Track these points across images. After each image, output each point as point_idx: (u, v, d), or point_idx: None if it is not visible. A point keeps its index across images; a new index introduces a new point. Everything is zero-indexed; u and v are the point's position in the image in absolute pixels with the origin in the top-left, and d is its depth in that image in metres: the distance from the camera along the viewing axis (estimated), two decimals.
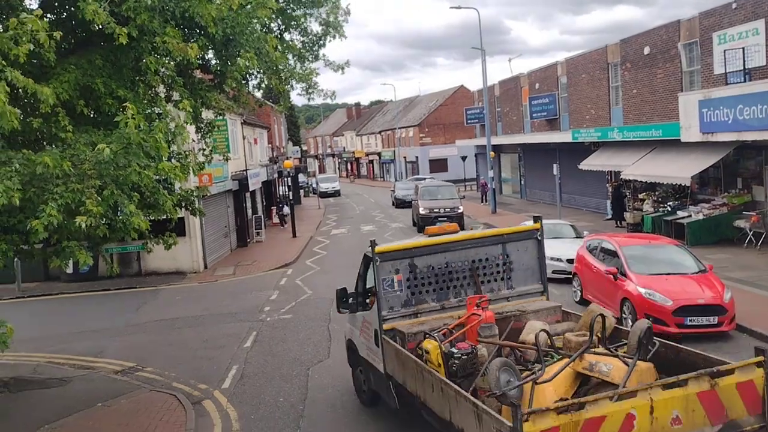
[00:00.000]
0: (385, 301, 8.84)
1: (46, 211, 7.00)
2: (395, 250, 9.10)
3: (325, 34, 12.58)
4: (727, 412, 6.20)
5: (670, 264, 13.73)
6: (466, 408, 6.42)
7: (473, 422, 6.24)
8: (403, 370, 8.16)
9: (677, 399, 6.05)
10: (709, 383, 6.20)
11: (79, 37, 10.21)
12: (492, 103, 43.63)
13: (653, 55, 25.12)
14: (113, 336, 15.65)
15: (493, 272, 9.39)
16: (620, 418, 5.80)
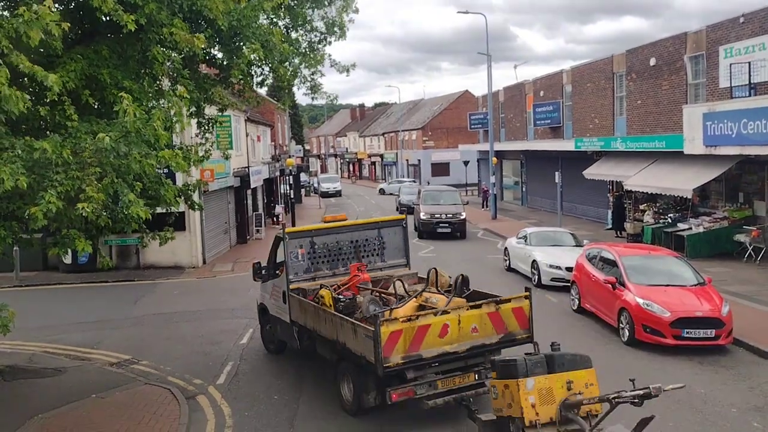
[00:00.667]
0: (291, 268, 11.57)
1: (46, 198, 7.00)
2: (300, 231, 11.81)
3: (329, 33, 12.60)
4: (506, 326, 9.66)
5: (669, 275, 13.73)
6: (347, 328, 9.53)
7: (352, 335, 9.39)
8: (305, 314, 11.01)
9: (475, 316, 9.38)
10: (495, 308, 9.58)
11: (86, 27, 10.22)
12: (496, 109, 43.65)
13: (659, 67, 25.13)
14: (110, 328, 15.64)
15: (370, 249, 12.44)
16: (439, 326, 9.09)
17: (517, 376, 7.07)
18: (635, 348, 12.64)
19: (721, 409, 9.76)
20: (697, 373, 11.35)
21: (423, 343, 8.93)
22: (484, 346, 9.41)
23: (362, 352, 9.08)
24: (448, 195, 32.14)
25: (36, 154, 7.12)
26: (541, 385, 7.09)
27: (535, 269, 18.87)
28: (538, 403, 7.03)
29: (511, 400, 7.13)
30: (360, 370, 9.48)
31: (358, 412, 9.67)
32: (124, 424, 9.66)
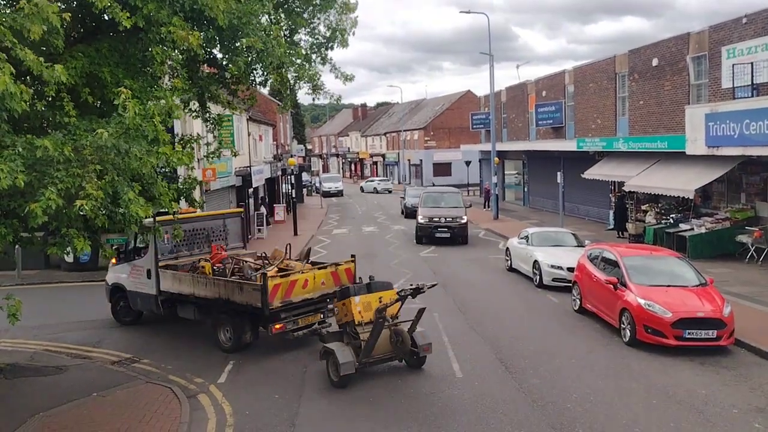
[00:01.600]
0: (160, 250, 14.36)
1: (46, 195, 6.99)
2: (165, 220, 12.52)
3: (332, 39, 12.57)
4: (341, 280, 13.30)
5: (670, 276, 13.71)
6: (232, 286, 12.80)
7: (238, 291, 12.60)
8: (179, 283, 13.85)
9: (324, 274, 13.21)
10: (335, 268, 13.42)
11: (88, 26, 10.23)
12: (498, 109, 43.64)
13: (661, 67, 25.11)
14: (111, 327, 15.63)
15: (217, 235, 15.78)
16: (303, 281, 12.74)
17: (349, 296, 11.43)
18: (636, 348, 12.63)
19: (723, 410, 9.75)
20: (699, 374, 11.33)
21: (293, 293, 12.62)
22: (328, 294, 13.09)
23: (248, 302, 12.39)
24: (450, 197, 30.08)
25: (38, 152, 7.13)
26: (364, 300, 11.45)
27: (536, 269, 18.85)
28: (363, 311, 11.37)
29: (347, 311, 11.42)
30: (241, 317, 12.95)
31: (238, 348, 13.08)
32: (125, 422, 9.66)
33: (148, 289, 14.54)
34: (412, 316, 11.56)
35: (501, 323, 14.87)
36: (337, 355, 10.76)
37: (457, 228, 27.35)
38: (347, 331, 11.42)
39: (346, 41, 12.54)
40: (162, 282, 14.21)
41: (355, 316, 11.25)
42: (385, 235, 32.36)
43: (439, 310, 15.98)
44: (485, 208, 42.74)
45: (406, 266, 22.67)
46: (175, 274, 14.05)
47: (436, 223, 27.51)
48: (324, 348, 11.24)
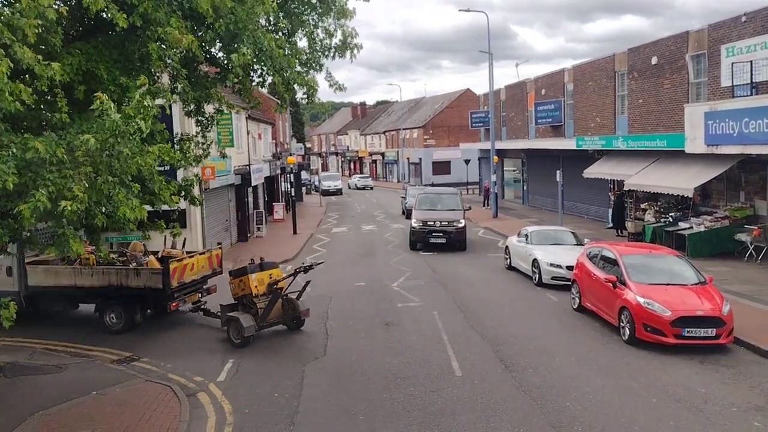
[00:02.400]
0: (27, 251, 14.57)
1: (36, 197, 6.97)
2: None
3: (337, 49, 12.49)
4: (213, 264, 15.92)
5: (669, 274, 13.72)
6: (126, 273, 14.36)
7: (134, 277, 14.25)
8: (56, 277, 14.75)
9: (204, 259, 15.53)
10: (209, 254, 15.91)
11: (87, 25, 10.23)
12: (497, 107, 43.62)
13: (660, 66, 25.10)
14: None
15: None
16: (191, 264, 14.82)
17: (247, 274, 13.97)
18: (636, 347, 12.63)
19: (722, 408, 9.76)
20: (698, 372, 11.34)
21: (185, 275, 14.65)
22: (207, 275, 15.76)
23: (147, 285, 14.15)
24: (447, 199, 27.47)
25: (29, 154, 7.09)
26: (259, 277, 14.01)
27: (535, 268, 18.86)
28: (258, 285, 13.95)
29: (244, 286, 13.96)
30: (132, 301, 14.62)
31: (129, 328, 14.66)
32: (125, 421, 9.66)
33: (8, 287, 14.83)
34: None
35: (500, 322, 14.88)
36: (242, 321, 13.27)
37: (453, 233, 25.14)
38: (243, 302, 14.06)
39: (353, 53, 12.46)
40: (30, 278, 14.94)
41: (253, 290, 13.87)
42: (384, 233, 32.36)
43: (439, 309, 16.00)
44: (484, 206, 42.74)
45: (405, 265, 22.67)
46: (49, 268, 14.84)
47: (430, 228, 25.27)
48: (227, 316, 13.70)
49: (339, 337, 13.92)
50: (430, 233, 25.26)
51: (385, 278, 20.32)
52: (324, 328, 14.71)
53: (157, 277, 14.09)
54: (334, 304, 16.98)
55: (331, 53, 12.85)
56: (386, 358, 12.42)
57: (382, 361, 12.25)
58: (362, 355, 12.68)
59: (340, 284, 19.61)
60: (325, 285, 19.53)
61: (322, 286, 19.40)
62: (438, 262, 22.94)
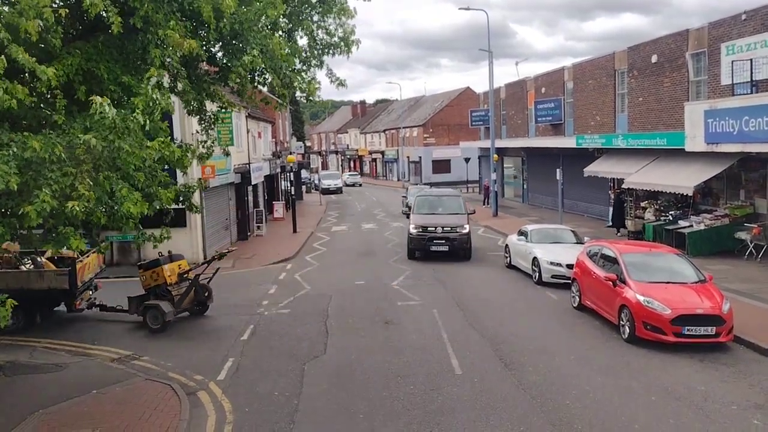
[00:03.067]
0: None
1: (40, 197, 6.96)
2: None
3: (335, 47, 12.51)
4: (99, 264, 16.77)
5: (669, 273, 13.72)
6: (27, 276, 14.58)
7: (37, 280, 14.51)
8: None
9: (94, 259, 16.13)
10: (96, 255, 16.08)
11: (87, 24, 10.20)
12: (497, 105, 43.60)
13: (660, 64, 25.09)
14: (111, 324, 15.65)
15: None
16: (87, 265, 15.55)
17: (160, 265, 15.10)
18: (636, 345, 12.64)
19: (721, 406, 9.76)
20: (698, 370, 11.35)
21: (84, 274, 15.40)
22: (96, 274, 16.63)
23: (53, 286, 14.53)
24: (450, 201, 24.84)
25: (27, 153, 7.08)
26: (170, 267, 15.29)
27: (535, 266, 18.86)
28: (171, 275, 15.21)
29: (158, 277, 15.08)
30: (31, 303, 14.42)
31: (30, 326, 14.92)
32: (125, 419, 9.67)
33: None
34: None
35: (500, 320, 14.88)
36: (162, 307, 14.58)
37: (457, 239, 22.66)
38: (157, 292, 15.16)
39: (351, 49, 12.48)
40: None
41: (167, 279, 15.12)
42: (384, 232, 32.36)
43: (438, 307, 16.01)
44: (484, 205, 42.72)
45: (405, 263, 22.67)
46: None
47: (431, 234, 22.75)
48: (144, 305, 14.92)
49: (339, 336, 13.93)
50: (431, 240, 22.67)
51: (385, 277, 20.32)
52: (324, 326, 14.71)
53: (63, 279, 14.56)
54: (334, 302, 16.99)
55: (331, 51, 12.86)
56: (386, 356, 12.42)
57: (382, 359, 12.25)
58: (362, 353, 12.68)
59: (340, 283, 19.62)
60: (325, 283, 19.55)
61: (323, 284, 19.42)
62: (438, 262, 22.92)
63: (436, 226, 22.92)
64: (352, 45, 12.55)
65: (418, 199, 25.42)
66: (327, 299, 17.34)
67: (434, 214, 23.90)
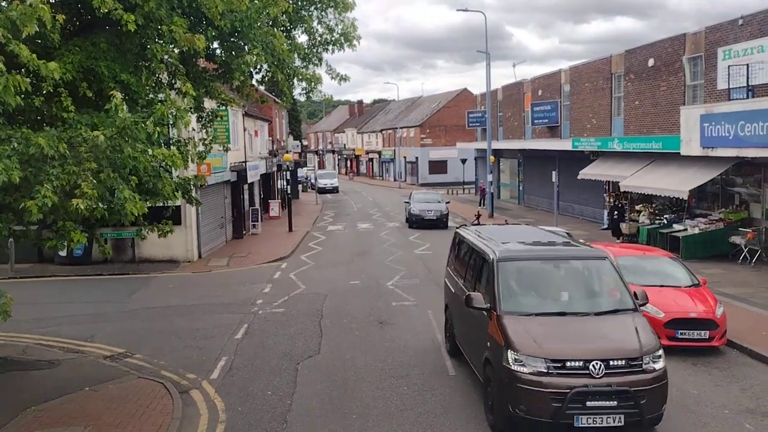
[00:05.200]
0: None
1: (41, 192, 6.97)
2: None
3: (337, 42, 12.52)
4: None
5: (663, 276, 13.75)
6: None
7: None
8: None
9: None
10: None
11: (84, 20, 10.17)
12: (494, 107, 43.64)
13: (657, 68, 25.15)
14: (104, 321, 15.62)
15: None
16: None
17: None
18: None
19: (714, 410, 9.79)
20: (691, 374, 11.38)
21: None
22: None
23: None
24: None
25: (32, 149, 7.10)
26: None
27: None
28: None
29: None
30: None
31: None
32: (117, 417, 9.64)
33: None
34: None
35: None
36: None
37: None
38: None
39: (353, 44, 12.50)
40: None
41: None
42: (379, 232, 32.36)
43: (433, 308, 15.99)
44: (480, 206, 42.74)
45: (401, 263, 22.68)
46: None
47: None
48: None
49: (333, 336, 13.92)
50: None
51: (380, 277, 20.32)
52: (318, 326, 14.70)
53: None
54: (328, 302, 16.98)
55: (331, 48, 12.86)
56: (380, 356, 12.42)
57: (375, 359, 12.25)
58: (356, 353, 12.68)
59: (335, 282, 19.61)
60: (320, 283, 19.54)
61: (317, 284, 19.41)
62: (432, 261, 22.93)
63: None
64: (353, 40, 12.57)
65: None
66: (322, 299, 17.34)
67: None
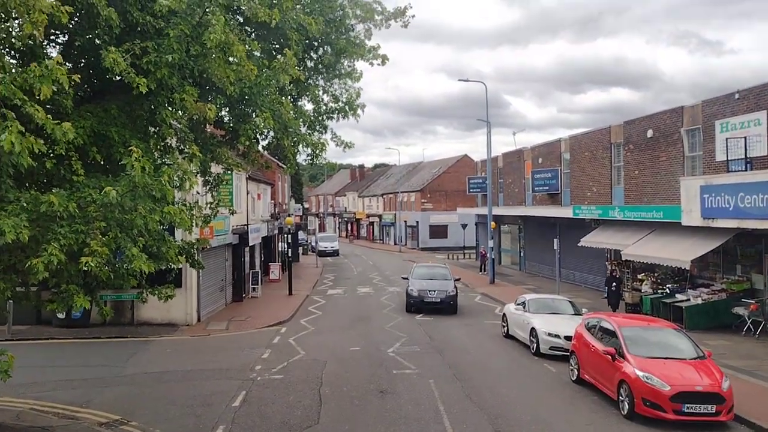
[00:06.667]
0: None
1: (48, 250, 7.00)
2: None
3: (340, 111, 12.89)
4: None
5: (668, 348, 13.61)
6: None
7: None
8: None
9: None
10: None
11: (95, 86, 10.44)
12: (495, 173, 44.12)
13: (656, 139, 25.56)
14: (100, 386, 15.33)
15: None
16: None
17: None
18: (635, 422, 12.41)
19: None
20: None
21: None
22: None
23: None
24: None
25: (43, 206, 7.18)
26: None
27: (533, 337, 18.68)
28: None
29: None
30: None
31: None
32: None
33: None
34: None
35: (498, 391, 14.63)
36: None
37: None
38: None
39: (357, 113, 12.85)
40: None
41: None
42: (380, 297, 32.17)
43: (435, 377, 15.76)
44: (481, 272, 42.66)
45: (401, 329, 22.45)
46: None
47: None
48: None
49: (332, 405, 13.65)
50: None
51: (380, 343, 20.08)
52: (317, 394, 14.44)
53: None
54: (328, 368, 16.73)
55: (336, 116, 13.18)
56: (381, 427, 12.15)
57: (376, 431, 11.97)
58: (356, 424, 12.40)
59: (335, 348, 19.36)
60: (320, 349, 19.29)
61: (317, 350, 19.16)
62: (434, 328, 22.73)
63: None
64: (357, 108, 12.91)
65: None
66: (321, 365, 17.08)
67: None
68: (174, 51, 8.71)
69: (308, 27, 10.66)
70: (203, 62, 9.11)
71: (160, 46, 8.71)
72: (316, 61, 13.34)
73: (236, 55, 8.88)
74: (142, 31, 8.96)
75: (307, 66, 13.13)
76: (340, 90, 13.48)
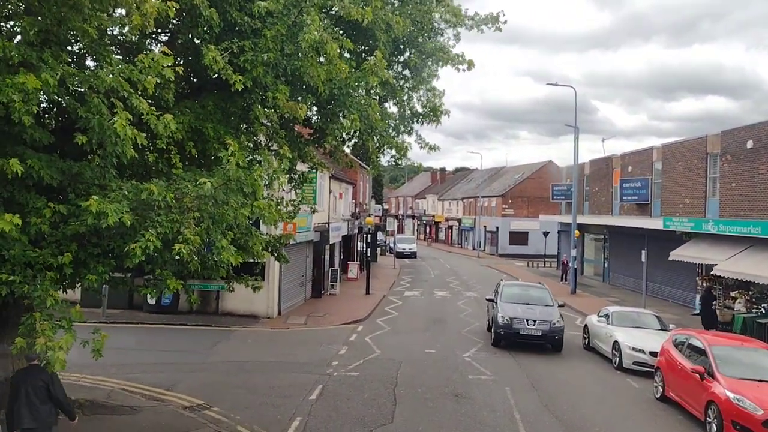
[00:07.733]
0: None
1: (146, 237, 7.34)
2: None
3: (425, 117, 12.99)
4: None
5: (762, 370, 12.86)
6: None
7: None
8: None
9: None
10: None
11: (193, 83, 10.88)
12: (581, 181, 43.00)
13: (756, 150, 24.21)
14: (185, 371, 15.97)
15: None
16: None
17: None
18: None
19: None
20: None
21: None
22: None
23: None
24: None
25: (143, 194, 7.54)
26: None
27: (616, 351, 18.08)
28: None
29: None
30: None
31: None
32: None
33: None
34: None
35: (576, 404, 14.25)
36: None
37: None
38: None
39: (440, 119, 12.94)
40: None
41: None
42: (457, 301, 31.97)
43: (511, 385, 15.51)
44: (562, 281, 41.67)
45: (478, 335, 22.23)
46: None
47: None
48: None
49: (407, 405, 13.67)
50: None
51: (456, 347, 19.96)
52: (392, 393, 14.50)
53: None
54: (403, 369, 16.77)
55: (420, 120, 13.26)
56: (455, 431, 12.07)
57: None
58: (430, 426, 12.38)
59: (411, 350, 19.39)
60: (395, 349, 19.36)
61: (392, 350, 19.24)
62: None
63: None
64: (440, 115, 12.96)
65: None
66: (396, 365, 17.14)
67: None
68: (270, 50, 8.96)
69: (395, 27, 10.72)
70: (296, 61, 9.32)
71: (257, 46, 8.97)
72: (403, 64, 13.45)
73: (329, 52, 9.03)
74: (240, 30, 9.26)
75: (394, 69, 13.25)
76: (425, 95, 13.55)
